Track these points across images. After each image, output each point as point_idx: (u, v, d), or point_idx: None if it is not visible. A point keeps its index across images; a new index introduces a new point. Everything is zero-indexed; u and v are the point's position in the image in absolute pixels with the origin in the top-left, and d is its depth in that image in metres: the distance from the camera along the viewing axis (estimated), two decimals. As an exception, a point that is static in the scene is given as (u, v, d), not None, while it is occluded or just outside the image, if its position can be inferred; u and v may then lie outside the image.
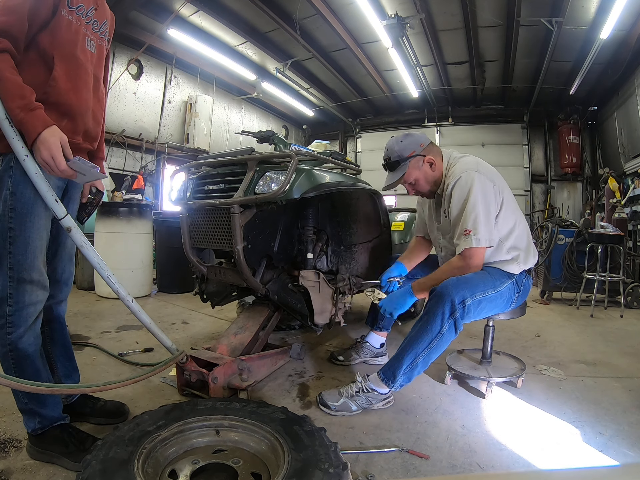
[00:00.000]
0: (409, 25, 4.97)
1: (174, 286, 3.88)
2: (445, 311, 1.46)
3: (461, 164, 1.64)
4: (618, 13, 4.15)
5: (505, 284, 1.61)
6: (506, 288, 1.62)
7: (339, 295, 1.89)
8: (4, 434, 1.29)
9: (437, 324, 1.47)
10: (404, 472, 1.18)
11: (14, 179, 1.08)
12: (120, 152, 5.94)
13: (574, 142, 7.60)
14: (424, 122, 8.76)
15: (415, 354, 1.49)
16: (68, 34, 1.12)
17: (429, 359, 1.51)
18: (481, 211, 1.52)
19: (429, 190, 1.74)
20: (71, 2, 1.11)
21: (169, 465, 1.05)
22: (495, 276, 1.60)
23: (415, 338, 1.50)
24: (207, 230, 1.83)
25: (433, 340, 1.48)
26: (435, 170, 1.69)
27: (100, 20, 1.24)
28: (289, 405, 1.56)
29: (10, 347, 1.11)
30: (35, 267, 1.12)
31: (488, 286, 1.56)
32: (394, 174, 1.70)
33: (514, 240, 1.65)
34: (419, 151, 1.67)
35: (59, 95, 1.11)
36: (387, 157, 1.71)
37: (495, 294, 1.57)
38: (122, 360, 2.01)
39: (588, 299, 3.68)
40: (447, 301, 1.46)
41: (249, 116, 8.63)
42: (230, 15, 5.35)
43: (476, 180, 1.54)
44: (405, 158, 1.66)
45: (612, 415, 1.55)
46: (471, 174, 1.56)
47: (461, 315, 1.47)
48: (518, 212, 1.71)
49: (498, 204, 1.60)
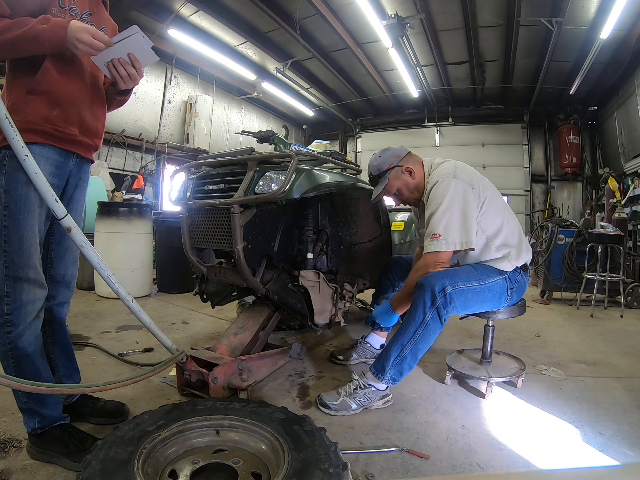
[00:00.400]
0: (409, 25, 4.97)
1: (174, 286, 3.88)
2: (427, 300, 1.49)
3: (439, 169, 1.69)
4: (618, 13, 4.15)
5: (494, 279, 1.64)
6: (496, 283, 1.64)
7: (339, 296, 1.89)
8: (4, 434, 1.28)
9: (420, 314, 1.50)
10: (404, 472, 1.18)
11: (7, 176, 1.08)
12: (120, 152, 5.94)
13: (574, 142, 7.60)
14: (424, 122, 8.76)
15: (402, 345, 1.52)
16: None
17: (417, 350, 1.52)
18: (455, 215, 1.56)
19: (414, 198, 1.81)
20: (62, 2, 1.11)
21: (169, 465, 1.05)
22: (482, 271, 1.64)
23: (401, 330, 1.54)
24: (207, 230, 1.83)
25: (417, 330, 1.50)
26: (415, 178, 1.76)
27: (98, 25, 1.22)
28: (289, 405, 1.56)
29: (10, 346, 1.11)
30: (30, 265, 1.11)
31: (472, 277, 1.58)
32: (377, 187, 1.80)
33: (504, 238, 1.67)
34: (396, 162, 1.76)
35: (50, 85, 1.11)
36: (370, 173, 1.82)
37: (481, 285, 1.59)
38: (122, 360, 2.01)
39: (588, 299, 3.68)
40: (427, 290, 1.49)
41: (249, 116, 8.63)
42: (230, 15, 5.35)
43: (452, 186, 1.59)
44: (385, 171, 1.76)
45: (612, 415, 1.55)
46: (446, 179, 1.61)
47: (443, 304, 1.49)
48: (507, 210, 1.74)
49: (479, 205, 1.64)
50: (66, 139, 1.17)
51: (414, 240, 2.79)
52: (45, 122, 1.12)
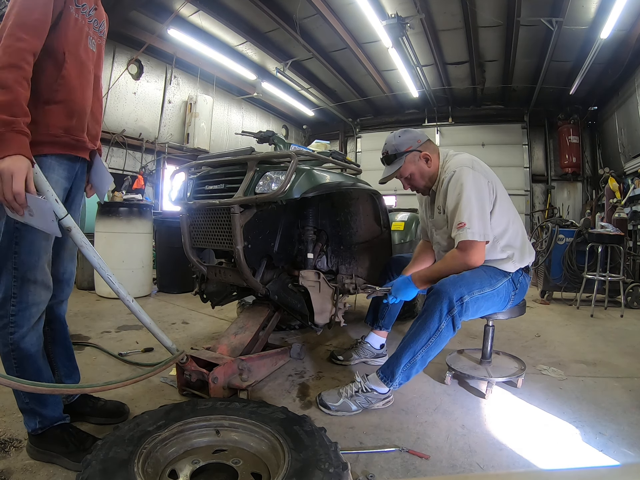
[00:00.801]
0: (409, 25, 4.97)
1: (174, 286, 3.88)
2: (443, 308, 1.47)
3: (456, 160, 1.66)
4: (618, 13, 4.14)
5: (501, 282, 1.62)
6: (502, 286, 1.62)
7: (339, 295, 1.89)
8: (4, 434, 1.28)
9: (435, 322, 1.48)
10: (404, 472, 1.18)
11: None
12: (120, 152, 5.94)
13: (574, 142, 7.59)
14: (424, 122, 8.75)
15: (414, 352, 1.50)
16: (74, 31, 1.12)
17: (427, 356, 1.51)
18: (475, 206, 1.54)
19: (424, 185, 1.77)
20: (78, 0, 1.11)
21: (169, 465, 1.05)
22: (491, 274, 1.61)
23: (413, 336, 1.51)
24: (207, 230, 1.83)
25: (431, 337, 1.48)
26: (430, 167, 1.72)
27: (99, 19, 1.25)
28: (289, 405, 1.56)
29: (12, 347, 1.11)
30: (39, 266, 1.12)
31: (485, 284, 1.56)
32: (390, 167, 1.74)
33: (508, 239, 1.66)
34: (416, 147, 1.70)
35: (68, 93, 1.11)
36: (385, 151, 1.76)
37: (492, 291, 1.58)
38: (122, 360, 2.01)
39: (588, 299, 3.68)
40: (444, 298, 1.47)
41: (249, 116, 8.63)
42: (230, 15, 5.35)
43: (470, 176, 1.57)
44: (402, 152, 1.70)
45: (612, 415, 1.55)
46: (465, 169, 1.58)
47: (459, 313, 1.48)
48: (512, 211, 1.72)
49: (492, 201, 1.62)
50: (79, 146, 1.19)
51: (414, 240, 2.79)
52: (65, 133, 1.12)
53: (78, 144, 1.18)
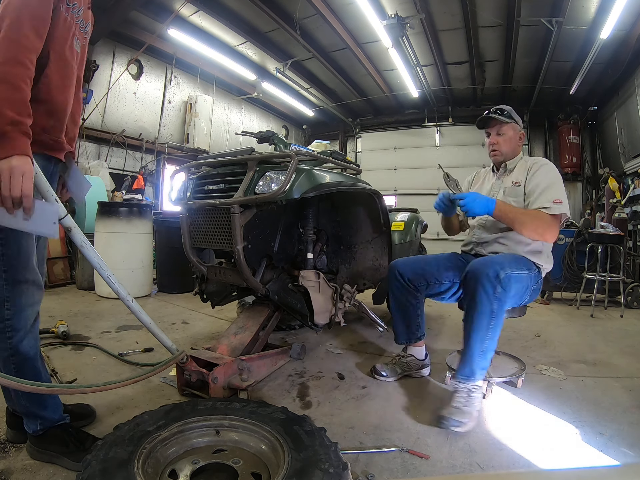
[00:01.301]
0: (409, 25, 4.96)
1: (174, 286, 3.88)
2: (487, 288, 1.48)
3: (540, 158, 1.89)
4: (618, 13, 4.14)
5: (531, 271, 1.69)
6: (529, 277, 1.68)
7: (338, 296, 1.89)
8: (4, 434, 1.28)
9: (486, 304, 1.49)
10: (404, 472, 1.18)
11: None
12: (120, 152, 5.93)
13: (574, 142, 7.59)
14: (424, 122, 8.74)
15: (482, 341, 1.51)
16: (62, 30, 1.09)
17: (495, 336, 1.54)
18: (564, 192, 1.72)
19: (504, 152, 1.90)
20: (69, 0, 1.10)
21: (169, 465, 1.05)
22: (523, 262, 1.68)
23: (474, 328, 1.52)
24: (207, 230, 1.83)
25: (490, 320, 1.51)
26: (519, 146, 1.94)
27: (86, 20, 1.22)
28: (289, 405, 1.56)
29: (11, 351, 1.09)
30: (29, 266, 1.10)
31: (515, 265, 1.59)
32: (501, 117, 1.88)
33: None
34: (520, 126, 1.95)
35: (49, 93, 1.08)
36: (500, 108, 1.94)
37: (521, 275, 1.61)
38: (122, 360, 2.01)
39: (588, 299, 3.68)
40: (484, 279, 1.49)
41: (249, 116, 8.63)
42: (230, 15, 5.35)
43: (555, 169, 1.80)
44: (514, 119, 1.91)
45: (612, 415, 1.55)
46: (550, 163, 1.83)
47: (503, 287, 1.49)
48: None
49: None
50: (56, 147, 1.16)
51: (414, 240, 2.79)
52: (43, 132, 1.09)
53: (55, 145, 1.15)
